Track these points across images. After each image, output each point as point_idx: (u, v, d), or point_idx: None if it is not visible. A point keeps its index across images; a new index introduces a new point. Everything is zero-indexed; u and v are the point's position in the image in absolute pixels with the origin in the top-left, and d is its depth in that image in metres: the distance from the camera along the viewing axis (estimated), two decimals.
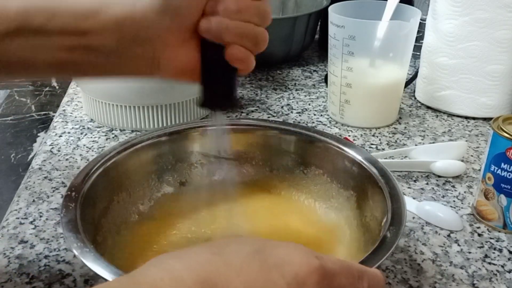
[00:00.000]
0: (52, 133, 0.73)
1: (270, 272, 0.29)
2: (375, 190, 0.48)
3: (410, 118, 0.79)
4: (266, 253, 0.30)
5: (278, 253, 0.30)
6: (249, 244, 0.31)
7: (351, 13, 0.71)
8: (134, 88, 0.69)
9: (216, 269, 0.29)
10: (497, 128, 0.52)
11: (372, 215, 0.47)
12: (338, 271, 0.31)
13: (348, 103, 0.74)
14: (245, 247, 0.31)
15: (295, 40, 0.93)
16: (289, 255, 0.30)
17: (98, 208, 0.47)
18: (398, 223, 0.42)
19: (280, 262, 0.30)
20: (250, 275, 0.29)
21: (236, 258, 0.30)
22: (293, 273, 0.29)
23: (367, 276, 0.33)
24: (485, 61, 0.74)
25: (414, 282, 0.47)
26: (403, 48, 0.72)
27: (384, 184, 0.47)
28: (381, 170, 0.49)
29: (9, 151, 2.24)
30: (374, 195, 0.48)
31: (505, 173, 0.52)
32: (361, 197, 0.50)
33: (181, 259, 0.30)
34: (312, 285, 0.29)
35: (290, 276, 0.29)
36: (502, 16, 0.71)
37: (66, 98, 0.84)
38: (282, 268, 0.30)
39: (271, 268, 0.29)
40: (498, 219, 0.54)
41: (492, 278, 0.48)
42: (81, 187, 0.46)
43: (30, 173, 0.63)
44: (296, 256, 0.30)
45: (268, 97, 0.84)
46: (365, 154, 0.51)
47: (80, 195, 0.45)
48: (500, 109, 0.77)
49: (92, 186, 0.47)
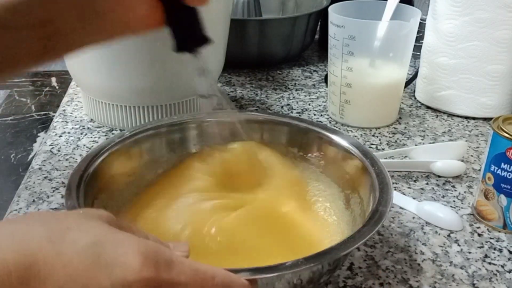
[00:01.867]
0: (52, 133, 0.73)
1: (98, 270, 0.29)
2: (362, 172, 0.49)
3: (410, 118, 0.79)
4: (104, 249, 0.29)
5: (115, 252, 0.29)
6: (91, 233, 0.30)
7: (351, 13, 0.71)
8: (134, 88, 0.68)
9: (43, 257, 0.28)
10: (497, 128, 0.52)
11: (359, 196, 0.49)
12: (182, 281, 0.31)
13: (348, 103, 0.74)
14: (85, 237, 0.30)
15: (295, 40, 0.93)
16: (125, 256, 0.29)
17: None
18: (385, 200, 0.43)
19: (112, 262, 0.29)
20: (77, 269, 0.28)
21: (70, 249, 0.29)
22: (122, 276, 0.29)
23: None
24: (485, 61, 0.74)
25: (414, 282, 0.47)
26: (403, 48, 0.72)
27: (370, 166, 0.49)
28: (366, 153, 0.51)
29: (9, 151, 2.24)
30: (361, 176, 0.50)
31: (505, 173, 0.52)
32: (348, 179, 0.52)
33: (13, 237, 0.28)
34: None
35: (118, 279, 0.29)
36: (502, 16, 0.71)
37: (66, 98, 0.84)
38: (112, 269, 0.29)
39: (101, 267, 0.29)
40: (498, 219, 0.54)
41: (492, 278, 0.48)
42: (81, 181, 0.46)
43: (30, 173, 0.63)
44: (132, 260, 0.29)
45: (268, 97, 0.84)
46: (350, 140, 0.53)
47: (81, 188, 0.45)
48: (500, 109, 0.77)
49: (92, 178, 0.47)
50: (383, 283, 0.47)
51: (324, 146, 0.55)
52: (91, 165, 0.48)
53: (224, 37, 0.76)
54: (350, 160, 0.52)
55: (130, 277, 0.29)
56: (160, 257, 0.30)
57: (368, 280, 0.47)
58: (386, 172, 0.47)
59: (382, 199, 0.44)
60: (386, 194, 0.44)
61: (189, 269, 0.31)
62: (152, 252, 0.30)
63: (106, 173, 0.50)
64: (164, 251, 0.31)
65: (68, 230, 0.30)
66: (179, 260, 0.31)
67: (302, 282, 0.39)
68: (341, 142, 0.53)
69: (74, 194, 0.43)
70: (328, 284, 0.47)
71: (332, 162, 0.54)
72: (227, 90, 0.87)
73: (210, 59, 0.72)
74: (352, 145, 0.52)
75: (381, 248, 0.52)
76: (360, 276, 0.48)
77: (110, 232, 0.31)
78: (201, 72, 0.47)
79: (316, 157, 0.55)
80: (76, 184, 0.45)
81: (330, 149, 0.54)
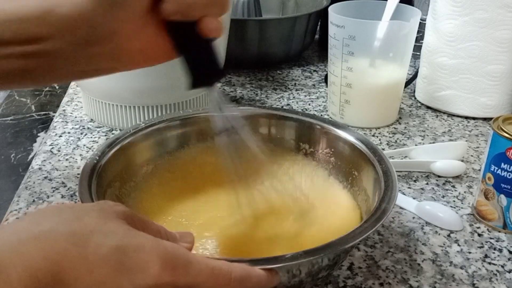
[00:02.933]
0: (52, 133, 0.73)
1: (121, 276, 0.30)
2: (369, 168, 0.50)
3: (410, 118, 0.79)
4: (126, 254, 0.30)
5: (137, 257, 0.31)
6: (114, 237, 0.31)
7: (351, 13, 0.71)
8: (134, 88, 0.68)
9: (70, 262, 0.29)
10: (497, 128, 0.52)
11: (365, 192, 0.50)
12: (200, 282, 0.32)
13: (348, 103, 0.74)
14: (108, 240, 0.30)
15: (295, 40, 0.93)
16: (147, 262, 0.31)
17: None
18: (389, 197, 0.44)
19: (134, 267, 0.30)
20: (102, 275, 0.29)
21: (94, 254, 0.29)
22: (143, 282, 0.30)
23: (246, 283, 0.34)
24: (485, 61, 0.74)
25: (414, 282, 0.47)
26: (403, 48, 0.72)
27: (376, 162, 0.49)
28: (373, 148, 0.51)
29: (9, 151, 2.23)
30: (368, 172, 0.50)
31: (505, 173, 0.52)
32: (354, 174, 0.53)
33: (39, 242, 0.29)
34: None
35: (139, 284, 0.30)
36: (502, 16, 0.71)
37: (66, 98, 0.84)
38: (135, 275, 0.30)
39: (124, 272, 0.30)
40: (498, 219, 0.54)
41: (492, 278, 0.48)
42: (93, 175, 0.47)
43: (30, 173, 0.63)
44: (152, 265, 0.31)
45: (268, 97, 0.84)
46: (356, 135, 0.54)
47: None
48: (500, 109, 0.77)
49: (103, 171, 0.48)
50: (383, 283, 0.47)
51: (333, 142, 0.56)
52: (105, 154, 0.50)
53: (224, 37, 0.76)
54: (357, 156, 0.52)
55: (151, 282, 0.30)
56: (178, 261, 0.32)
57: (368, 280, 0.47)
58: (393, 170, 0.47)
59: (386, 197, 0.44)
60: (391, 192, 0.44)
61: (206, 268, 0.33)
62: (171, 255, 0.32)
63: (121, 162, 0.52)
64: (182, 253, 0.33)
65: (91, 233, 0.30)
66: (197, 260, 0.33)
67: (301, 273, 0.39)
68: (348, 138, 0.54)
69: (85, 182, 0.45)
70: (328, 284, 0.47)
71: (340, 159, 0.55)
72: (227, 90, 0.87)
73: None
74: (360, 141, 0.53)
75: (381, 248, 0.52)
76: (360, 276, 0.48)
77: (131, 235, 0.32)
78: (217, 107, 0.43)
79: (326, 154, 0.56)
80: (89, 171, 0.46)
81: (339, 145, 0.55)
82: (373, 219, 0.41)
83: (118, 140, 0.52)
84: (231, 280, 0.33)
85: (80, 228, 0.31)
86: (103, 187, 0.47)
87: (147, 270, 0.30)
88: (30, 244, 0.28)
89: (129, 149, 0.53)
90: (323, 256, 0.38)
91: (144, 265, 0.30)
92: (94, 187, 0.44)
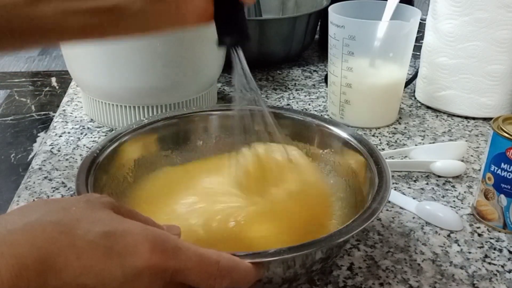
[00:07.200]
0: (52, 133, 0.73)
1: (110, 260, 0.30)
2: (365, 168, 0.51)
3: (410, 118, 0.79)
4: (114, 238, 0.31)
5: (126, 241, 0.31)
6: (101, 223, 0.31)
7: (351, 13, 0.71)
8: (134, 88, 0.68)
9: (58, 249, 0.29)
10: (497, 128, 0.52)
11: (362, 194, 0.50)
12: (188, 267, 0.32)
13: (348, 103, 0.74)
14: (95, 227, 0.31)
15: (295, 40, 0.93)
16: (136, 246, 0.31)
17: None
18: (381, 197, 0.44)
19: (123, 251, 0.30)
20: (90, 260, 0.29)
21: (82, 240, 0.30)
22: (133, 265, 0.30)
23: (233, 274, 0.34)
24: (485, 61, 0.74)
25: (414, 282, 0.47)
26: (403, 48, 0.72)
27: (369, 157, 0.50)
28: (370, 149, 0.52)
29: (9, 151, 2.24)
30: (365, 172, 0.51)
31: (505, 173, 0.52)
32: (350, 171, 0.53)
33: (26, 231, 0.29)
34: (147, 279, 0.31)
35: (129, 267, 0.30)
36: (502, 16, 0.71)
37: (66, 98, 0.84)
38: (124, 258, 0.30)
39: (113, 256, 0.30)
40: (498, 219, 0.54)
41: (492, 278, 0.48)
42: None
43: (30, 173, 0.63)
44: (141, 248, 0.31)
45: (268, 97, 0.84)
46: (349, 131, 0.55)
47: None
48: (500, 109, 0.77)
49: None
50: (383, 283, 0.47)
51: (334, 142, 0.56)
52: (105, 149, 0.50)
53: None
54: (355, 157, 0.53)
55: (140, 265, 0.30)
56: (168, 245, 0.32)
57: (368, 280, 0.47)
58: (388, 170, 0.48)
59: (378, 197, 0.44)
60: (383, 192, 0.45)
61: (195, 254, 0.33)
62: (160, 239, 0.32)
63: (121, 157, 0.52)
64: (171, 238, 0.33)
65: (78, 221, 0.31)
66: (185, 247, 0.33)
67: (296, 264, 0.40)
68: (343, 136, 0.54)
69: (83, 176, 0.45)
70: (328, 284, 0.47)
71: (341, 159, 0.55)
72: (227, 90, 0.87)
73: (210, 59, 0.72)
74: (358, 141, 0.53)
75: (381, 248, 0.52)
76: (360, 276, 0.48)
77: (118, 221, 0.32)
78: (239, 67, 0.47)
79: (327, 153, 0.56)
80: (88, 166, 0.47)
81: (339, 145, 0.55)
82: (362, 218, 0.41)
83: (119, 136, 0.53)
84: (219, 268, 0.34)
85: (67, 218, 0.31)
86: (102, 180, 0.47)
87: (136, 253, 0.30)
88: (18, 233, 0.29)
89: (130, 145, 0.53)
90: (307, 253, 0.39)
91: (133, 249, 0.31)
92: (91, 181, 0.45)
